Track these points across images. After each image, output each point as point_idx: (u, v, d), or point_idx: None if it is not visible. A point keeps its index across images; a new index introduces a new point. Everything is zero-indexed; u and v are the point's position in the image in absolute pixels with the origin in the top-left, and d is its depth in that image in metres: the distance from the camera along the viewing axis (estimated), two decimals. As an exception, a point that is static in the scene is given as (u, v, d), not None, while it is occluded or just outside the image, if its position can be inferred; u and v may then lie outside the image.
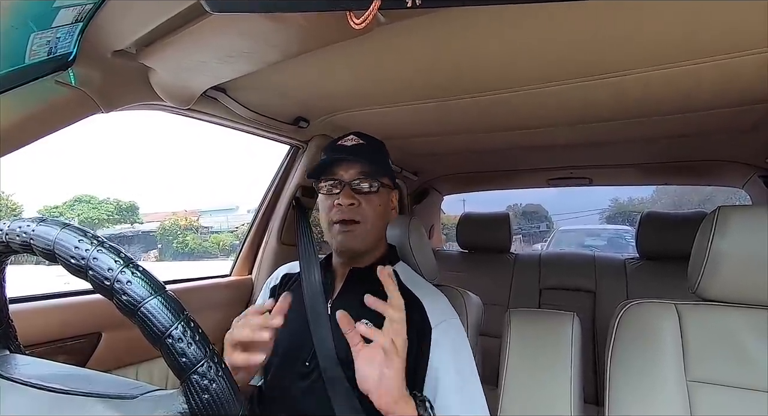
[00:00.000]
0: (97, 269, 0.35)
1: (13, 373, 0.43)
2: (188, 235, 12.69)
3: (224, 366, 0.36)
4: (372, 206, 0.81)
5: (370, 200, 0.81)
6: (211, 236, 12.95)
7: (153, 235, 13.14)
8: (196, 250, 12.44)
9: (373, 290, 0.84)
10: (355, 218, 0.80)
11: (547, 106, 1.10)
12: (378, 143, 0.89)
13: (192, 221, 13.16)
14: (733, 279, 0.76)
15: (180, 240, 12.58)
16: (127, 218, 13.07)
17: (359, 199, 0.80)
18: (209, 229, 13.20)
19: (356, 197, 0.80)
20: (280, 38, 0.67)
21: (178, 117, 1.02)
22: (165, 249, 12.75)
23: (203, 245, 12.58)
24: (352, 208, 0.80)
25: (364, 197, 0.81)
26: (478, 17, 0.69)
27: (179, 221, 13.02)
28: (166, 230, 12.93)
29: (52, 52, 0.65)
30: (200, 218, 13.55)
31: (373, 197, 0.81)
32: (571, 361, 0.96)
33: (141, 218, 13.47)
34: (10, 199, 10.43)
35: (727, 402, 0.73)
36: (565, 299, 1.80)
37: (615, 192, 18.24)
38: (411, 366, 0.75)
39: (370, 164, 0.81)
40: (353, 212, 0.80)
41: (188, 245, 12.51)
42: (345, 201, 0.79)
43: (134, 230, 13.11)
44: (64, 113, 0.73)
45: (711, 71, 0.85)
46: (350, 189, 0.80)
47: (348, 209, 0.79)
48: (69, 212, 12.18)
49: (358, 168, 0.81)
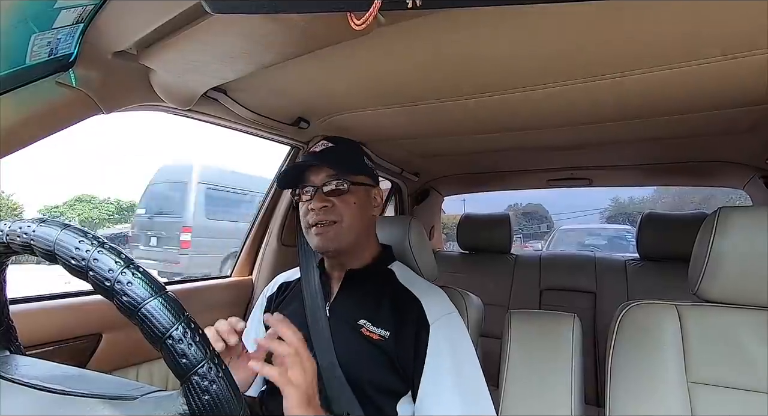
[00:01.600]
0: (97, 269, 0.35)
1: (13, 374, 0.43)
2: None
3: (225, 367, 0.36)
4: (346, 205, 0.82)
5: (344, 199, 0.82)
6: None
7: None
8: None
9: (369, 291, 0.84)
10: (329, 219, 0.81)
11: (548, 107, 1.10)
12: (349, 143, 0.91)
13: None
14: (734, 280, 0.76)
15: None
16: (127, 217, 13.07)
17: (332, 200, 0.82)
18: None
19: (329, 199, 0.81)
20: (281, 39, 0.67)
21: (177, 117, 1.02)
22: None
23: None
24: (326, 210, 0.81)
25: (337, 198, 0.82)
26: (479, 18, 0.69)
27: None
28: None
29: (53, 53, 0.65)
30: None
31: (346, 197, 0.82)
32: (571, 362, 0.96)
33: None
34: (10, 199, 10.41)
35: (727, 403, 0.73)
36: (566, 300, 1.80)
37: (615, 192, 18.21)
38: (408, 363, 0.76)
39: (339, 165, 0.83)
40: (327, 213, 0.81)
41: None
42: (317, 205, 0.81)
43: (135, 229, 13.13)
44: (65, 113, 0.73)
45: (712, 72, 0.85)
46: (322, 193, 0.82)
47: (321, 211, 0.81)
48: (70, 211, 12.16)
49: (326, 171, 0.83)
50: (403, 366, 0.76)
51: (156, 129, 46.06)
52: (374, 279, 0.86)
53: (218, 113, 1.06)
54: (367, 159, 0.90)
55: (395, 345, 0.76)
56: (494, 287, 1.91)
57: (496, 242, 2.05)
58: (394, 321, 0.78)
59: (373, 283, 0.85)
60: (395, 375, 0.76)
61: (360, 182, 0.85)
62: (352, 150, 0.90)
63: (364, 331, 0.78)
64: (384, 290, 0.83)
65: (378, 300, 0.82)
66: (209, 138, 53.25)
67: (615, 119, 1.19)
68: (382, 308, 0.80)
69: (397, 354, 0.76)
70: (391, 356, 0.76)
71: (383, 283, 0.85)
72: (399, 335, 0.77)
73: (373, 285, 0.85)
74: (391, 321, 0.78)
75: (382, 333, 0.77)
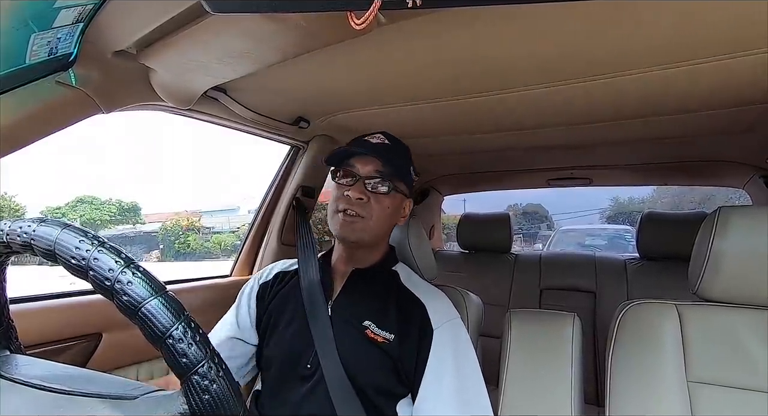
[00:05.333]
0: (97, 269, 0.35)
1: (13, 373, 0.43)
2: (190, 235, 12.70)
3: (225, 366, 0.36)
4: (381, 206, 0.81)
5: (380, 199, 0.81)
6: (213, 236, 12.97)
7: (155, 235, 13.17)
8: (197, 250, 12.46)
9: (374, 292, 0.84)
10: (360, 213, 0.80)
11: (548, 106, 1.10)
12: (403, 148, 0.88)
13: (194, 222, 13.19)
14: (734, 280, 0.76)
15: (182, 241, 12.60)
16: (129, 218, 13.11)
17: (369, 196, 0.80)
18: (211, 229, 13.23)
19: (367, 194, 0.80)
20: (281, 38, 0.67)
21: (178, 117, 1.02)
22: (167, 249, 12.79)
23: (205, 246, 12.61)
24: (360, 203, 0.79)
25: (375, 195, 0.81)
26: (479, 18, 0.69)
27: (181, 221, 13.05)
28: (168, 230, 12.96)
29: (53, 52, 0.65)
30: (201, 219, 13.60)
31: (383, 198, 0.81)
32: (571, 361, 0.96)
33: (143, 219, 13.52)
34: (13, 200, 10.45)
35: (727, 402, 0.73)
36: (566, 299, 1.80)
37: (615, 191, 18.23)
38: (410, 366, 0.75)
39: (389, 165, 0.81)
40: (360, 206, 0.80)
41: (190, 245, 12.53)
42: (354, 195, 0.79)
43: (136, 230, 13.15)
44: (65, 113, 0.73)
45: (710, 71, 0.85)
46: (363, 184, 0.80)
47: (356, 202, 0.79)
48: (72, 213, 12.21)
49: (375, 166, 0.81)
50: (405, 369, 0.75)
51: (156, 129, 46.05)
52: (379, 280, 0.86)
53: (218, 112, 1.06)
54: (413, 170, 0.88)
55: (399, 348, 0.76)
56: (494, 287, 1.90)
57: (495, 242, 2.04)
58: (398, 324, 0.78)
59: (377, 284, 0.85)
60: (397, 377, 0.76)
61: (400, 190, 0.84)
62: (404, 154, 0.88)
63: (369, 333, 0.77)
64: (388, 292, 0.83)
65: (383, 302, 0.81)
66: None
67: (614, 118, 1.19)
68: (387, 310, 0.80)
69: (400, 357, 0.75)
70: (394, 359, 0.75)
71: (387, 284, 0.85)
72: (403, 338, 0.76)
73: (377, 286, 0.84)
74: (396, 323, 0.78)
75: (387, 335, 0.77)
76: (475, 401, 0.75)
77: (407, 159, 0.88)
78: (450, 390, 0.73)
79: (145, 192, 36.74)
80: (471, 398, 0.75)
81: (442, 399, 0.72)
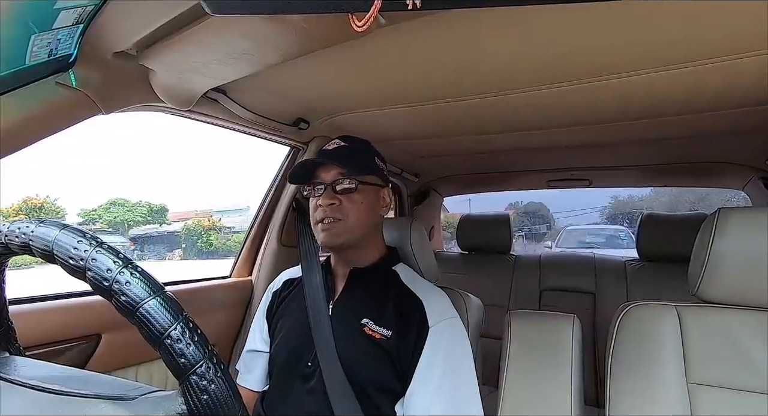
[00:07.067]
0: (95, 269, 0.35)
1: (12, 375, 0.43)
2: (212, 235, 12.98)
3: (223, 366, 0.36)
4: (353, 204, 0.83)
5: (351, 198, 0.83)
6: (233, 235, 13.16)
7: (177, 235, 13.39)
8: (219, 249, 12.65)
9: (373, 291, 0.84)
10: (335, 216, 0.82)
11: (549, 108, 1.10)
12: (361, 143, 0.91)
13: (215, 222, 13.48)
14: (734, 281, 0.75)
15: (204, 240, 12.85)
16: (157, 219, 13.35)
17: (340, 198, 0.82)
18: (231, 229, 13.43)
19: (337, 197, 0.82)
20: (281, 40, 0.67)
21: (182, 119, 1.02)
22: (189, 248, 13.04)
23: (226, 245, 12.78)
24: (333, 207, 0.82)
25: (345, 196, 0.83)
26: (480, 19, 0.69)
27: (202, 221, 13.34)
28: (190, 230, 13.23)
29: (53, 53, 0.65)
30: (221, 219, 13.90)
31: (353, 196, 0.83)
32: (571, 363, 0.96)
33: (169, 220, 13.77)
34: (54, 203, 10.57)
35: (727, 404, 0.73)
36: (566, 300, 1.80)
37: (615, 191, 18.34)
38: (404, 363, 0.76)
39: (349, 165, 0.83)
40: (334, 210, 0.82)
41: (212, 244, 12.76)
42: (325, 202, 0.82)
43: (160, 230, 13.37)
44: (65, 114, 0.73)
45: (714, 73, 0.85)
46: (331, 190, 0.83)
47: (329, 208, 0.82)
48: (106, 214, 12.46)
49: (337, 170, 0.83)
50: (403, 365, 0.76)
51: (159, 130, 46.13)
52: (378, 279, 0.87)
53: (218, 113, 1.06)
54: (378, 159, 0.90)
55: (396, 345, 0.76)
56: (494, 288, 1.90)
57: (495, 243, 2.05)
58: (396, 321, 0.78)
59: (377, 283, 0.86)
60: (395, 374, 0.76)
61: (369, 182, 0.85)
62: (363, 150, 0.90)
63: (367, 330, 0.79)
64: (387, 291, 0.84)
65: (381, 300, 0.82)
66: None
67: (615, 119, 1.19)
68: (386, 308, 0.81)
69: (398, 354, 0.76)
70: (392, 355, 0.76)
71: (387, 283, 0.86)
72: (400, 334, 0.77)
73: (377, 285, 0.85)
74: (394, 320, 0.79)
75: (384, 332, 0.78)
76: (465, 401, 0.75)
77: (368, 152, 0.90)
78: (439, 387, 0.73)
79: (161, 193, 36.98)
80: (461, 397, 0.75)
81: (430, 396, 0.72)
